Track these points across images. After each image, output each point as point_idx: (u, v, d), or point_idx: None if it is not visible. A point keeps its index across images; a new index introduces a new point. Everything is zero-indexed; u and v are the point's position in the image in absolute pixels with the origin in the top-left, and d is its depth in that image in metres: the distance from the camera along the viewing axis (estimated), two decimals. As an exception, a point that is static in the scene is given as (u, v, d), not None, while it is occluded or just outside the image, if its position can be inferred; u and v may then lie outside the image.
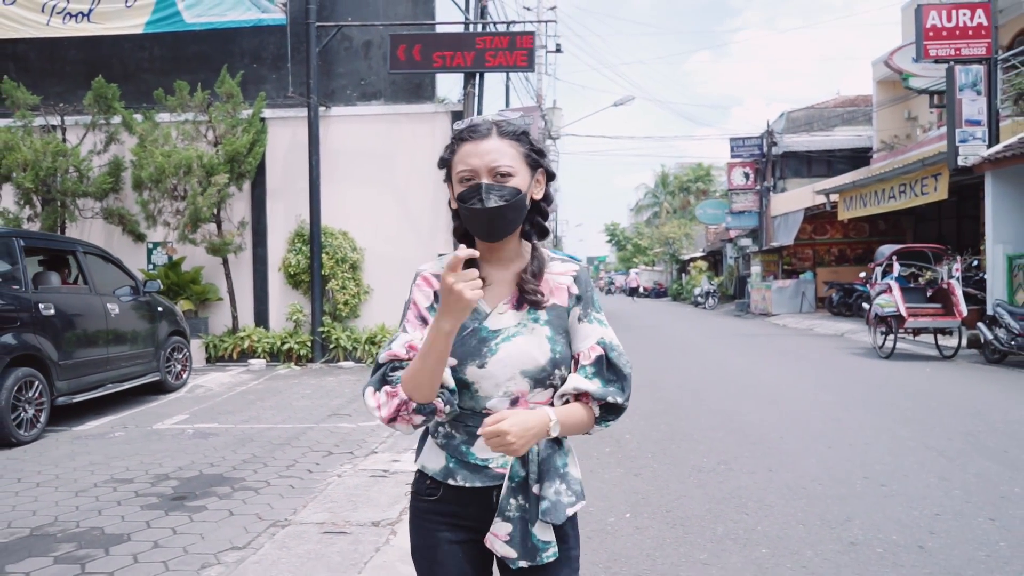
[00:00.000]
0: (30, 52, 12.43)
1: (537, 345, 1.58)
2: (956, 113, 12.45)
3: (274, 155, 12.00)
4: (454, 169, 1.60)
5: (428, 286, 1.64)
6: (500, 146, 1.57)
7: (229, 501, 4.64)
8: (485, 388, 1.57)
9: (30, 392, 6.49)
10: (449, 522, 1.62)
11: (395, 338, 1.60)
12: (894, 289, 11.56)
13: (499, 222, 1.56)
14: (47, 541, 3.97)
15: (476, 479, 1.59)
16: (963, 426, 6.46)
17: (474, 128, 1.59)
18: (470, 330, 1.58)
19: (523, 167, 1.59)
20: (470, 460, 1.60)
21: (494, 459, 1.58)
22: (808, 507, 4.38)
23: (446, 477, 1.62)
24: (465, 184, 1.56)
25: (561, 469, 1.59)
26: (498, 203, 1.53)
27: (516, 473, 1.56)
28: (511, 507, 1.56)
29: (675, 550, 3.79)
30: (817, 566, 3.53)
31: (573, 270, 1.69)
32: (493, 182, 1.54)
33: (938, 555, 3.60)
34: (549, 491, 1.55)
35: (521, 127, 1.63)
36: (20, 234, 7.23)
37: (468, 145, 1.57)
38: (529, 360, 1.57)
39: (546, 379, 1.59)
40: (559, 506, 1.55)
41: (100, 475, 5.31)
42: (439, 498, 1.63)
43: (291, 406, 8.04)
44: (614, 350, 1.64)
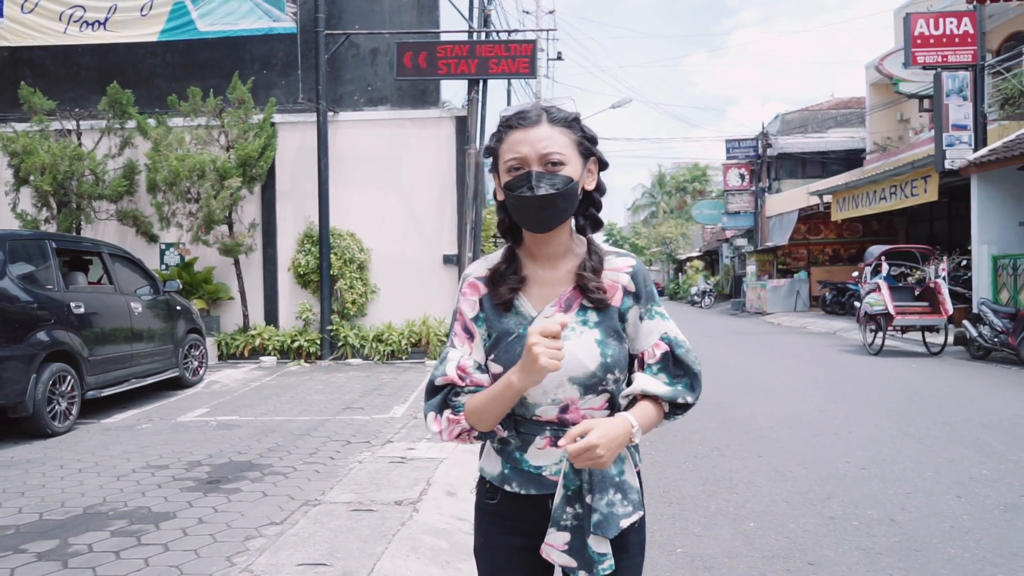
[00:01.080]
0: (46, 58, 12.79)
1: (586, 350, 1.51)
2: (943, 118, 12.88)
3: (284, 159, 12.38)
4: (501, 158, 1.54)
5: (474, 293, 1.60)
6: (551, 133, 1.50)
7: (261, 484, 5.03)
8: (533, 395, 1.53)
9: (63, 386, 6.87)
10: (508, 527, 1.61)
11: (445, 355, 1.58)
12: (883, 288, 11.99)
13: (550, 211, 1.49)
14: (100, 518, 4.36)
15: (531, 486, 1.56)
16: (942, 417, 6.88)
17: (523, 115, 1.53)
18: (515, 336, 1.53)
19: (575, 155, 1.52)
20: (524, 467, 1.57)
21: (547, 467, 1.55)
22: (793, 487, 4.79)
23: (502, 483, 1.59)
24: (514, 173, 1.50)
25: (616, 478, 1.53)
26: (549, 191, 1.47)
27: (571, 482, 1.51)
28: (567, 516, 1.51)
29: (671, 524, 4.19)
30: (798, 537, 3.93)
31: (629, 265, 1.61)
32: (544, 170, 1.48)
33: (907, 527, 4.01)
34: (601, 503, 1.49)
35: (572, 114, 1.55)
36: (52, 237, 7.62)
37: (517, 133, 1.51)
38: (578, 366, 1.50)
39: (597, 385, 1.53)
40: (612, 518, 1.49)
41: (136, 462, 5.70)
42: (498, 502, 1.62)
43: (306, 400, 8.43)
44: (680, 346, 1.59)
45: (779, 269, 26.10)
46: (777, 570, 3.51)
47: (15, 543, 3.95)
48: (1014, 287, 11.84)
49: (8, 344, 6.29)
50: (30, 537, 4.04)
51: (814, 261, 25.96)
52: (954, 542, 3.78)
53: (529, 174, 1.48)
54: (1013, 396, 8.00)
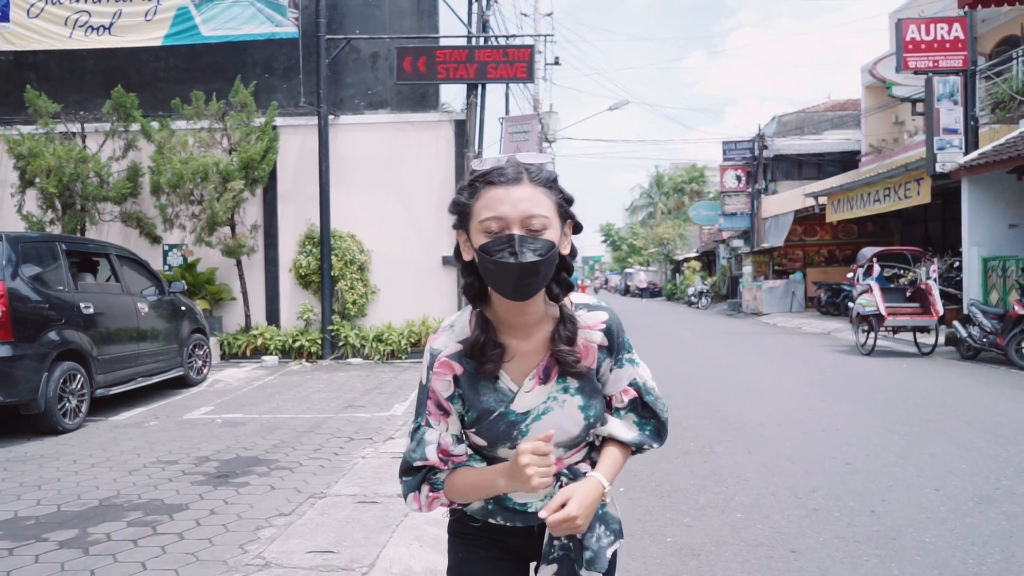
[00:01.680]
0: (50, 62, 12.97)
1: (570, 418, 1.52)
2: (934, 122, 13.10)
3: (285, 161, 12.57)
4: (475, 216, 1.43)
5: (448, 372, 1.53)
6: (534, 194, 1.41)
7: (268, 478, 5.23)
8: None
9: (73, 384, 7.06)
10: (491, 544, 1.63)
11: (421, 436, 1.54)
12: (874, 289, 12.20)
13: (531, 279, 1.40)
14: (116, 510, 4.55)
15: (517, 520, 1.58)
16: (927, 415, 7.09)
17: (502, 171, 1.43)
18: (496, 414, 1.51)
19: (555, 217, 1.44)
20: (508, 504, 1.57)
21: (532, 504, 1.56)
22: (780, 481, 4.99)
23: (486, 517, 1.60)
24: (492, 236, 1.40)
25: (600, 511, 1.56)
26: (534, 258, 1.37)
27: None
28: (554, 549, 1.55)
29: (662, 515, 4.39)
30: (782, 527, 4.13)
31: (601, 322, 1.57)
32: (526, 234, 1.39)
33: (886, 518, 4.21)
34: (591, 540, 1.52)
35: (553, 174, 1.48)
36: (62, 239, 7.81)
37: (497, 190, 1.41)
38: (563, 433, 1.52)
39: (580, 442, 1.58)
40: (601, 553, 1.53)
41: (146, 458, 5.89)
42: (481, 527, 1.62)
43: (308, 399, 8.63)
44: (649, 393, 1.61)
45: (775, 270, 26.31)
46: (761, 557, 3.71)
47: (37, 532, 4.14)
48: (1003, 288, 12.05)
49: (21, 343, 6.49)
50: (50, 527, 4.24)
51: (810, 262, 26.17)
52: (929, 531, 3.98)
53: (511, 238, 1.38)
54: (998, 395, 8.21)
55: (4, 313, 6.37)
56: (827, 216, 21.56)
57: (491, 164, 1.45)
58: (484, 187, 1.43)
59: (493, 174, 1.43)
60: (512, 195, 1.40)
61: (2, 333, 6.36)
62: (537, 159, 1.47)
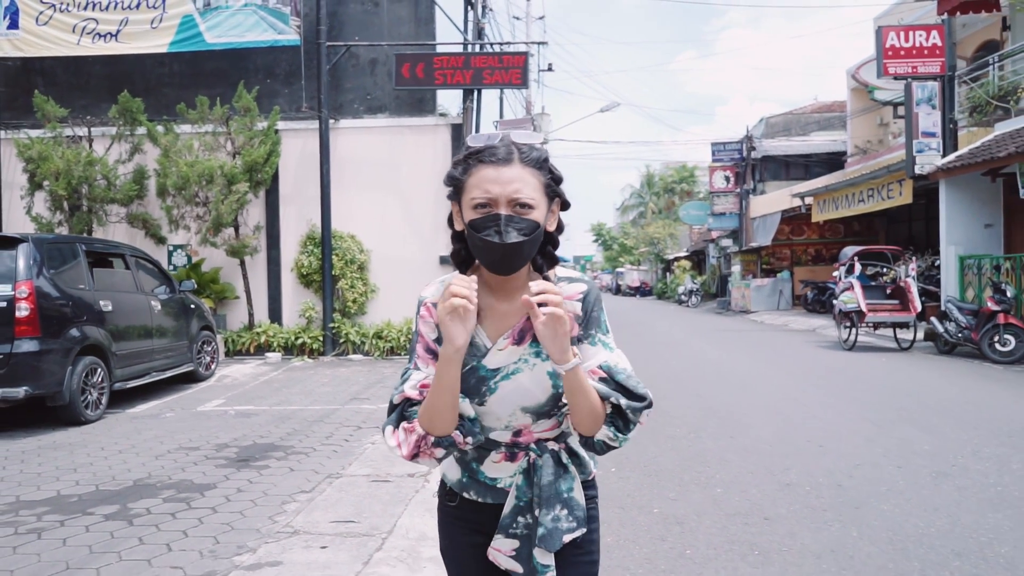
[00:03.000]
0: (57, 67, 13.31)
1: (538, 383, 1.54)
2: (913, 126, 13.60)
3: (287, 164, 12.95)
4: (466, 192, 1.50)
5: (431, 316, 1.58)
6: (523, 174, 1.47)
7: (286, 461, 5.65)
8: (487, 421, 1.57)
9: (94, 378, 7.46)
10: (469, 527, 1.66)
11: (407, 376, 1.57)
12: (855, 287, 12.69)
13: (514, 257, 1.47)
14: (150, 489, 4.96)
15: (487, 495, 1.62)
16: (899, 403, 7.56)
17: (493, 150, 1.48)
18: (468, 367, 1.53)
19: (542, 197, 1.50)
20: (480, 478, 1.62)
21: (502, 479, 1.61)
22: (758, 461, 5.44)
23: (461, 490, 1.66)
24: (480, 212, 1.46)
25: (565, 494, 1.57)
26: (518, 238, 1.44)
27: (522, 494, 1.57)
28: (517, 525, 1.57)
29: (650, 491, 4.83)
30: (758, 499, 4.58)
31: (579, 292, 1.59)
32: (513, 213, 1.45)
33: (851, 490, 4.67)
34: (547, 518, 1.54)
35: (543, 154, 1.53)
36: (82, 240, 8.21)
37: (488, 169, 1.47)
38: (529, 397, 1.54)
39: (549, 412, 1.57)
40: (556, 533, 1.54)
41: (169, 444, 6.30)
42: (457, 505, 1.67)
43: (314, 392, 9.04)
44: (621, 373, 1.53)
45: (763, 269, 26.83)
46: (737, 524, 4.16)
47: (81, 508, 4.56)
48: (979, 286, 12.55)
49: (47, 339, 6.88)
50: (92, 503, 4.65)
51: (797, 261, 26.71)
52: (888, 501, 4.43)
53: (498, 217, 1.45)
54: (967, 386, 8.69)
55: (32, 310, 6.76)
56: (813, 216, 22.07)
57: (484, 141, 1.51)
58: (476, 164, 1.48)
59: (485, 153, 1.48)
60: (501, 175, 1.45)
61: (30, 329, 6.75)
62: (530, 138, 1.52)
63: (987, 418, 6.77)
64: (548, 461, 1.57)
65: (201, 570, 3.54)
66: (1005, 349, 10.68)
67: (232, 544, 3.88)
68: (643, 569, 3.58)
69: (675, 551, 3.79)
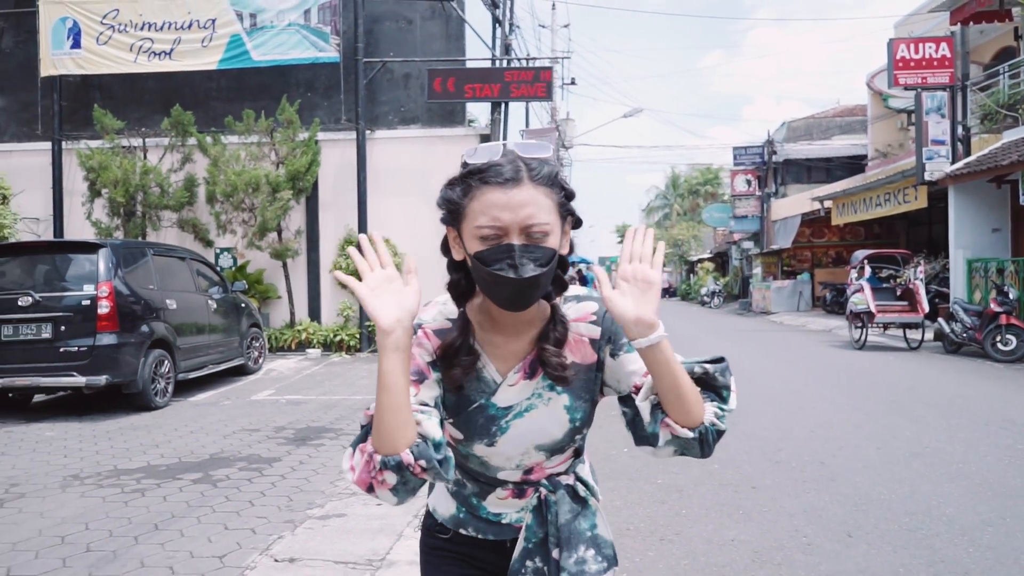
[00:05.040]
0: (114, 83, 14.30)
1: (555, 419, 1.38)
2: (923, 134, 14.14)
3: (326, 172, 13.82)
4: (468, 218, 1.29)
5: (427, 339, 1.39)
6: (535, 196, 1.25)
7: (338, 441, 6.44)
8: (495, 462, 1.41)
9: (162, 368, 8.33)
10: (462, 560, 1.49)
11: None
12: (865, 289, 13.27)
13: (531, 292, 1.28)
14: (225, 461, 5.78)
15: (489, 532, 1.47)
16: (894, 397, 8.20)
17: (499, 170, 1.26)
18: (476, 405, 1.38)
19: (557, 219, 1.29)
20: (480, 514, 1.47)
21: (507, 514, 1.46)
22: (753, 444, 6.14)
23: (456, 526, 1.48)
24: (488, 243, 1.26)
25: (588, 533, 1.41)
26: (535, 271, 1.24)
27: (533, 534, 1.41)
28: (526, 570, 1.41)
29: (655, 466, 5.54)
30: (749, 472, 5.28)
31: (591, 313, 1.41)
32: (527, 242, 1.25)
33: (831, 466, 5.36)
34: (570, 561, 1.38)
35: (555, 169, 1.31)
36: (150, 245, 9.10)
37: (494, 193, 1.25)
38: (545, 435, 1.39)
39: (563, 448, 1.42)
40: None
41: (232, 427, 7.13)
42: (451, 538, 1.49)
43: (355, 384, 9.85)
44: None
45: (784, 271, 27.32)
46: (728, 491, 4.87)
47: (171, 474, 5.38)
48: (985, 288, 13.06)
49: (124, 333, 7.76)
50: (179, 471, 5.47)
51: (818, 263, 27.15)
52: (861, 475, 5.12)
53: (511, 248, 1.24)
54: (963, 382, 9.29)
55: (111, 308, 7.64)
56: (832, 219, 22.54)
57: (486, 157, 1.29)
58: (479, 186, 1.27)
59: (489, 173, 1.26)
60: (511, 199, 1.24)
61: (110, 324, 7.63)
62: (538, 151, 1.32)
63: (971, 409, 7.39)
64: (564, 497, 1.41)
65: (281, 519, 4.33)
66: (1007, 349, 11.21)
67: (303, 501, 4.68)
68: (644, 524, 4.31)
69: (672, 511, 4.52)
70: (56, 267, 8.05)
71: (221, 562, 3.68)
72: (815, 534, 4.02)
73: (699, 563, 3.70)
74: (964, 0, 15.14)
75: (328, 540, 3.94)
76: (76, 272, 7.88)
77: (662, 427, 1.31)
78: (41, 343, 7.59)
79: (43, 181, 13.95)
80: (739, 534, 4.07)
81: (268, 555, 3.75)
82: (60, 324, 7.59)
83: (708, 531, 4.14)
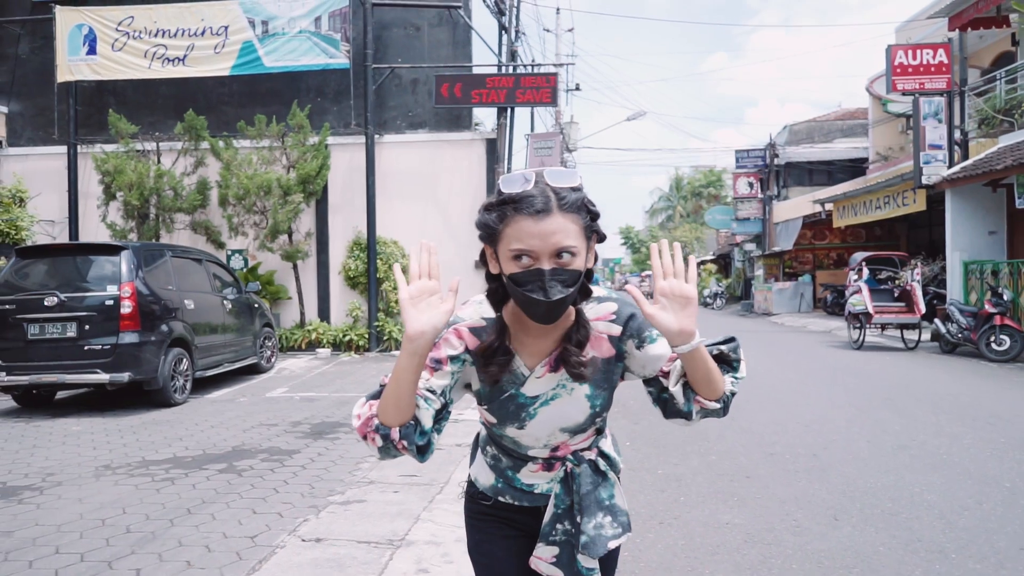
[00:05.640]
0: (128, 88, 14.61)
1: (577, 406, 1.57)
2: (921, 138, 14.41)
3: (335, 176, 14.13)
4: (503, 241, 1.43)
5: (457, 339, 1.55)
6: (564, 225, 1.39)
7: (353, 434, 6.73)
8: (526, 441, 1.61)
9: (181, 366, 8.64)
10: (503, 523, 1.71)
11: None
12: (863, 290, 13.54)
13: (559, 310, 1.44)
14: (247, 453, 6.08)
15: (524, 499, 1.68)
16: (887, 394, 8.48)
17: (531, 200, 1.39)
18: (508, 395, 1.56)
19: (583, 242, 1.43)
20: (515, 484, 1.67)
21: (539, 485, 1.66)
22: (750, 437, 6.42)
23: (495, 495, 1.70)
24: (521, 265, 1.41)
25: (606, 502, 1.62)
26: (562, 293, 1.40)
27: (561, 502, 1.62)
28: (556, 532, 1.62)
29: (656, 458, 5.84)
30: (745, 464, 5.57)
31: (611, 312, 1.58)
32: (556, 265, 1.39)
33: (823, 458, 5.64)
34: (589, 526, 1.58)
35: (582, 196, 1.44)
36: (169, 247, 9.40)
37: (527, 222, 1.39)
38: (568, 419, 1.58)
39: (585, 428, 1.62)
40: (599, 540, 1.58)
41: (251, 422, 7.43)
42: (492, 504, 1.71)
43: (365, 382, 10.15)
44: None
45: (786, 272, 27.59)
46: (724, 480, 5.16)
47: (197, 465, 5.69)
48: (981, 290, 13.32)
49: (145, 332, 8.07)
50: (204, 462, 5.78)
51: (819, 265, 27.43)
52: (850, 465, 5.41)
53: (541, 273, 1.39)
54: (955, 380, 9.56)
55: (134, 308, 7.95)
56: (833, 222, 22.81)
57: (519, 186, 1.42)
58: (513, 214, 1.41)
59: (523, 204, 1.39)
60: (542, 228, 1.38)
61: (132, 324, 7.94)
62: (567, 179, 1.44)
63: (960, 405, 7.67)
64: (586, 471, 1.63)
65: (305, 504, 4.63)
66: (1000, 348, 11.48)
67: (324, 489, 4.98)
68: (644, 510, 4.59)
69: (671, 499, 4.81)
70: (80, 268, 8.36)
71: (253, 541, 3.98)
72: (804, 518, 4.31)
73: (695, 544, 3.99)
74: (963, 6, 15.43)
75: (350, 523, 4.24)
76: (99, 273, 8.19)
77: (695, 403, 1.52)
78: (66, 341, 7.90)
79: (59, 184, 14.29)
80: (733, 518, 4.36)
81: (296, 535, 4.04)
82: (84, 323, 7.91)
83: (704, 516, 4.43)
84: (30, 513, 4.55)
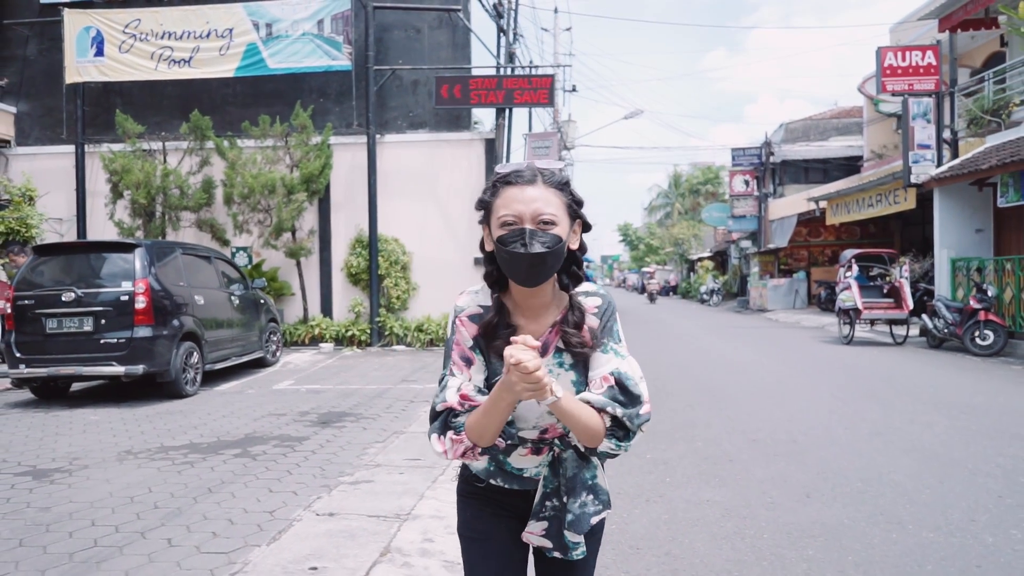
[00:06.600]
0: (134, 88, 14.93)
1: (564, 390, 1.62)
2: (910, 138, 14.76)
3: (338, 175, 14.47)
4: (495, 213, 1.64)
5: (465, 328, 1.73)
6: (545, 194, 1.61)
7: (358, 423, 7.09)
8: (516, 423, 1.71)
9: (191, 359, 8.98)
10: (495, 505, 1.82)
11: (445, 384, 1.69)
12: (853, 287, 13.90)
13: (539, 268, 1.59)
14: (259, 439, 6.43)
15: (514, 483, 1.78)
16: (870, 386, 8.83)
17: (519, 173, 1.63)
18: (499, 378, 1.62)
19: (564, 216, 1.63)
20: (507, 468, 1.77)
21: (528, 468, 1.76)
22: (735, 426, 6.78)
23: (487, 477, 1.80)
24: (507, 228, 1.60)
25: (589, 482, 1.74)
26: (541, 249, 1.56)
27: (549, 483, 1.75)
28: (546, 509, 1.75)
29: (645, 445, 6.19)
30: (728, 449, 5.92)
31: (595, 306, 1.72)
32: (536, 228, 1.58)
33: (802, 443, 6.00)
34: (574, 505, 1.70)
35: (564, 178, 1.67)
36: (179, 245, 9.74)
37: (513, 190, 1.61)
38: None
39: None
40: (584, 517, 1.71)
41: (260, 412, 7.78)
42: (485, 487, 1.82)
43: (368, 375, 10.50)
44: (630, 379, 1.65)
45: (780, 269, 27.95)
46: (708, 463, 5.51)
47: (213, 450, 6.04)
48: (967, 286, 13.67)
49: (158, 326, 8.41)
50: (219, 448, 6.13)
51: (814, 262, 27.78)
52: (827, 450, 5.76)
53: (523, 231, 1.58)
54: (938, 373, 9.92)
55: (147, 303, 8.29)
56: (827, 219, 23.16)
57: (511, 168, 1.66)
58: (503, 187, 1.64)
59: (512, 176, 1.64)
60: (526, 194, 1.61)
61: (146, 318, 8.29)
62: (552, 165, 1.69)
63: (938, 396, 8.03)
64: (571, 455, 1.73)
65: (317, 484, 4.99)
66: (984, 343, 11.84)
67: (334, 471, 5.33)
68: (632, 489, 4.95)
69: (657, 479, 5.16)
70: (95, 265, 8.69)
71: (271, 516, 4.33)
72: (779, 495, 4.67)
73: (677, 518, 4.34)
74: (952, 8, 15.77)
75: (360, 500, 4.59)
76: (114, 270, 8.53)
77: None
78: (83, 335, 8.25)
79: (67, 183, 14.61)
80: (713, 496, 4.72)
81: (311, 511, 4.39)
82: (100, 318, 8.26)
83: (687, 494, 4.79)
84: (63, 492, 4.91)
